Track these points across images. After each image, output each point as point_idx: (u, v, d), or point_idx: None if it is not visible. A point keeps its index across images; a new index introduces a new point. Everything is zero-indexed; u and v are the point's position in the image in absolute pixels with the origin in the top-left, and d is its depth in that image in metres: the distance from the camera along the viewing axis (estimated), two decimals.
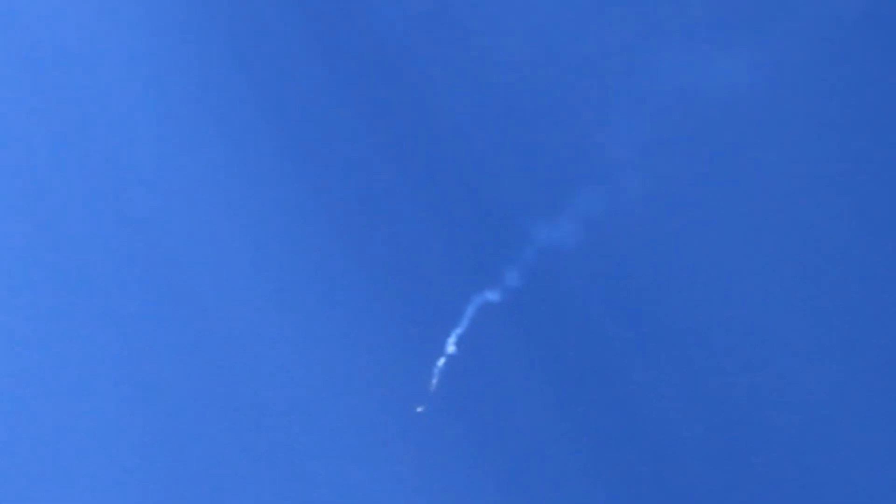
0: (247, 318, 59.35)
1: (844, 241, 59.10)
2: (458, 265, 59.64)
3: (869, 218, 59.80)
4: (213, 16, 63.22)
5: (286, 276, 59.95)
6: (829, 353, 56.90)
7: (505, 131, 61.74)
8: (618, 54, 63.61)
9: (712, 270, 59.37)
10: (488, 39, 63.26)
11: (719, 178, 61.25)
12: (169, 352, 58.90)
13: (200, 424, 58.34)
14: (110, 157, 62.21)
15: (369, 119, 61.76)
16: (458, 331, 58.25)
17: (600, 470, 56.54)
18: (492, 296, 58.99)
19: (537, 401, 57.31)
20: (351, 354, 58.82)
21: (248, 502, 56.90)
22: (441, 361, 58.11)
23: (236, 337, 59.31)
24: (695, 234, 60.32)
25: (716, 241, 60.11)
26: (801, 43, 63.55)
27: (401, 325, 58.89)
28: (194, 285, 59.82)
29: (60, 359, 60.01)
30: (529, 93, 62.22)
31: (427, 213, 60.31)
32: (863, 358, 56.60)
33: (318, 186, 60.77)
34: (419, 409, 55.91)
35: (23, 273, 60.99)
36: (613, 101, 62.39)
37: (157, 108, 63.13)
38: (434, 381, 56.40)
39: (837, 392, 56.20)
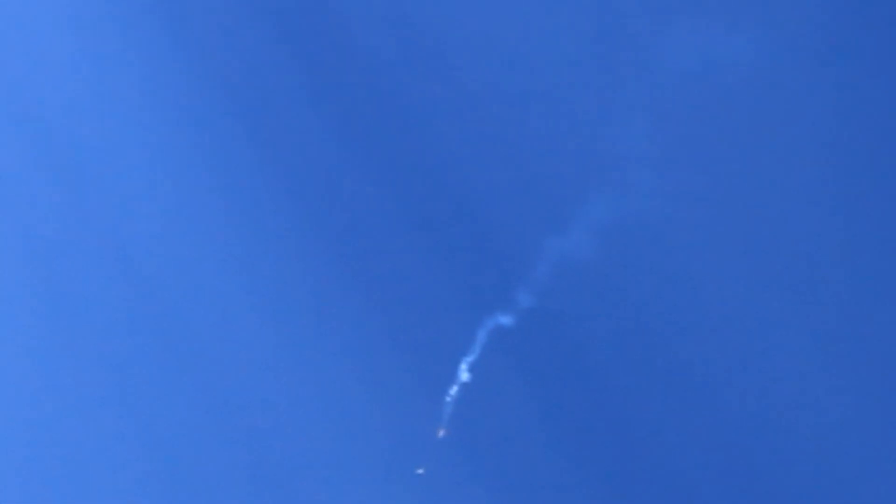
0: (252, 359, 57.88)
1: (865, 229, 57.67)
2: (467, 287, 57.98)
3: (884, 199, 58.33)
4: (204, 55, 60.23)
5: (291, 308, 58.30)
6: (845, 361, 56.00)
7: (510, 139, 59.41)
8: (623, 40, 60.91)
9: (734, 278, 57.90)
10: (487, 39, 60.41)
11: (737, 172, 59.33)
12: (182, 401, 57.60)
13: (207, 455, 57.39)
14: (105, 188, 59.95)
15: (370, 142, 59.35)
16: (471, 358, 56.91)
17: (618, 494, 56.01)
18: (504, 319, 57.49)
19: (548, 429, 56.40)
20: (361, 387, 57.59)
21: None
22: (454, 390, 56.93)
23: (242, 373, 57.92)
24: (714, 236, 58.65)
25: (737, 241, 58.49)
26: (812, 20, 61.03)
27: (411, 353, 57.53)
28: (203, 334, 58.17)
29: (57, 367, 58.68)
30: (533, 92, 59.67)
31: (433, 233, 58.39)
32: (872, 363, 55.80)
33: (320, 214, 58.70)
34: (420, 472, 54.86)
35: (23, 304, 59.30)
36: (620, 92, 59.93)
37: (144, 122, 60.55)
38: (443, 426, 55.27)
39: (848, 401, 55.48)
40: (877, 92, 60.10)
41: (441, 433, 55.76)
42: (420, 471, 54.74)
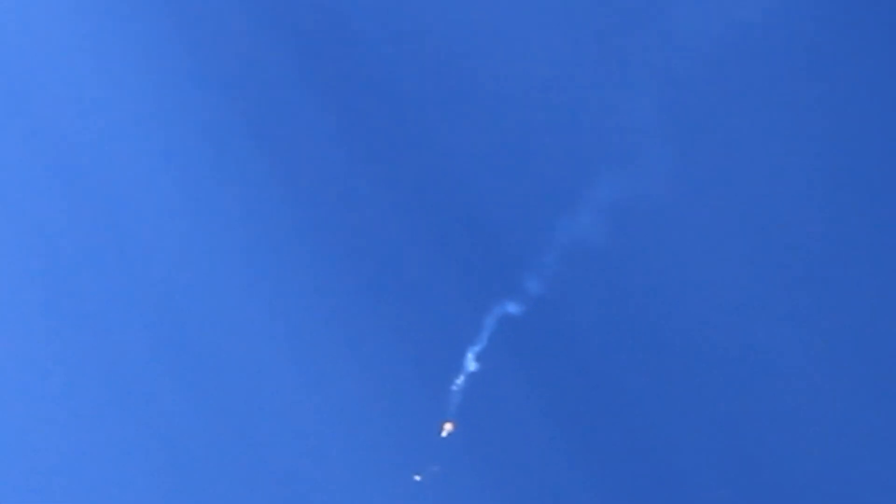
0: (254, 353, 56.37)
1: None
2: (473, 274, 55.57)
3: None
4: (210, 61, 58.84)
5: (293, 299, 56.59)
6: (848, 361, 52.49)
7: (516, 116, 56.64)
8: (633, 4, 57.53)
9: (754, 262, 54.60)
10: (494, 7, 57.61)
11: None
12: (182, 395, 56.36)
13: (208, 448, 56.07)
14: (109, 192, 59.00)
15: (373, 125, 57.29)
16: (478, 347, 54.54)
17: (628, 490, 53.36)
18: (513, 307, 54.96)
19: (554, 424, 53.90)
20: (364, 378, 55.69)
21: None
22: (461, 380, 54.64)
23: (244, 366, 56.43)
24: (731, 216, 55.39)
25: (756, 220, 55.16)
26: None
27: (415, 342, 55.41)
28: (205, 322, 56.87)
29: (57, 368, 57.89)
30: (540, 71, 56.86)
31: (437, 218, 56.10)
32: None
33: (322, 201, 56.88)
34: (417, 478, 52.66)
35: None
36: (630, 61, 56.61)
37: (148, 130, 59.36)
38: (447, 426, 53.01)
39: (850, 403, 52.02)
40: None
41: (447, 429, 53.42)
42: (417, 477, 52.56)
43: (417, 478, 52.55)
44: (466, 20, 57.54)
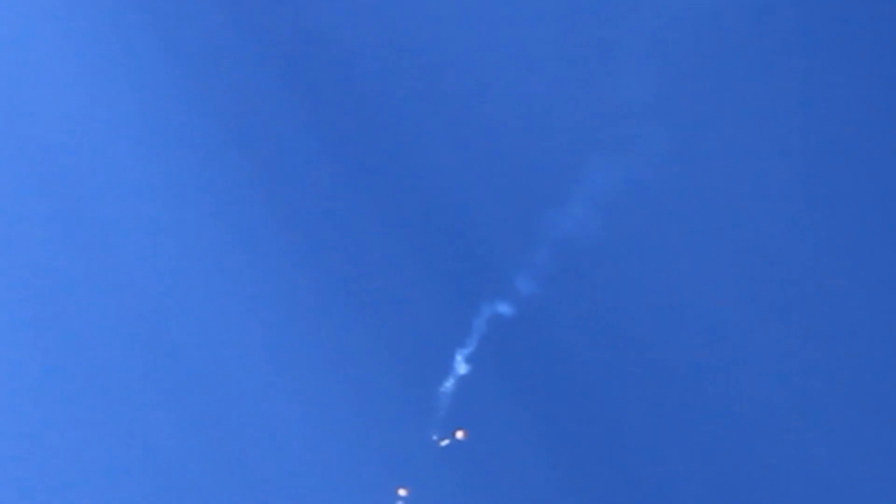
0: (240, 357, 54.63)
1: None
2: (461, 273, 53.53)
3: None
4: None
5: (281, 301, 54.77)
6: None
7: (503, 97, 54.19)
8: None
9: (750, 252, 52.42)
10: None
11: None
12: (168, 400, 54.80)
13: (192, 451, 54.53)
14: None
15: (360, 120, 55.09)
16: (467, 350, 52.56)
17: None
18: (504, 307, 52.91)
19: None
20: (351, 381, 53.92)
21: None
22: (450, 382, 52.74)
23: (230, 370, 54.71)
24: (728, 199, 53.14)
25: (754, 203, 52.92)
26: None
27: (403, 344, 53.53)
28: (191, 325, 55.12)
29: (44, 374, 56.39)
30: (527, 60, 54.41)
31: (424, 212, 53.99)
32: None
33: (307, 200, 54.96)
34: (402, 493, 50.82)
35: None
36: (619, 36, 54.03)
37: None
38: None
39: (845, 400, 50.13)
40: None
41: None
42: (402, 492, 50.81)
43: (403, 492, 50.89)
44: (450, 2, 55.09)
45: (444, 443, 51.34)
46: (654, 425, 50.85)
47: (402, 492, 50.63)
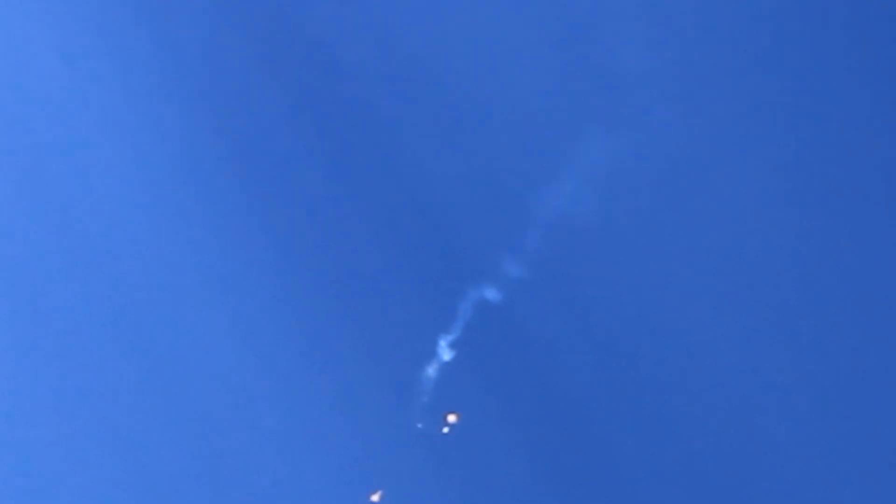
0: (221, 355, 53.03)
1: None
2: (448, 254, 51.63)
3: None
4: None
5: (263, 290, 53.11)
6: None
7: (495, 69, 52.06)
8: None
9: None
10: None
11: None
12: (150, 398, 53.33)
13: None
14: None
15: (351, 113, 53.14)
16: (451, 336, 50.68)
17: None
18: (490, 292, 50.98)
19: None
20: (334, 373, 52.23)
21: None
22: (433, 369, 50.90)
23: (213, 368, 53.15)
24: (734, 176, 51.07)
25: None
26: None
27: (387, 331, 51.74)
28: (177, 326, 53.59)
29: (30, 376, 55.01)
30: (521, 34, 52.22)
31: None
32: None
33: (292, 189, 53.21)
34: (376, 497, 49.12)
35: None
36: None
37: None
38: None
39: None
40: None
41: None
42: (376, 497, 49.19)
43: (376, 497, 49.30)
44: None
45: (445, 430, 49.70)
46: (643, 414, 49.12)
47: (374, 497, 49.06)
